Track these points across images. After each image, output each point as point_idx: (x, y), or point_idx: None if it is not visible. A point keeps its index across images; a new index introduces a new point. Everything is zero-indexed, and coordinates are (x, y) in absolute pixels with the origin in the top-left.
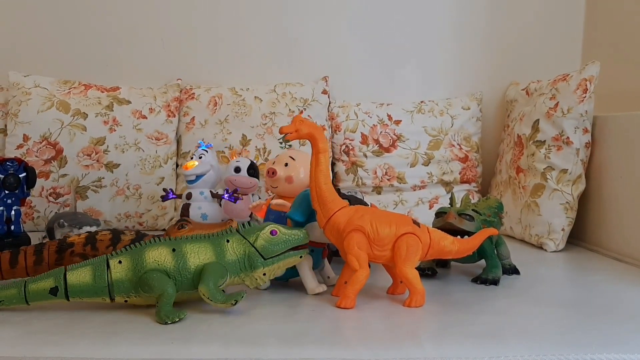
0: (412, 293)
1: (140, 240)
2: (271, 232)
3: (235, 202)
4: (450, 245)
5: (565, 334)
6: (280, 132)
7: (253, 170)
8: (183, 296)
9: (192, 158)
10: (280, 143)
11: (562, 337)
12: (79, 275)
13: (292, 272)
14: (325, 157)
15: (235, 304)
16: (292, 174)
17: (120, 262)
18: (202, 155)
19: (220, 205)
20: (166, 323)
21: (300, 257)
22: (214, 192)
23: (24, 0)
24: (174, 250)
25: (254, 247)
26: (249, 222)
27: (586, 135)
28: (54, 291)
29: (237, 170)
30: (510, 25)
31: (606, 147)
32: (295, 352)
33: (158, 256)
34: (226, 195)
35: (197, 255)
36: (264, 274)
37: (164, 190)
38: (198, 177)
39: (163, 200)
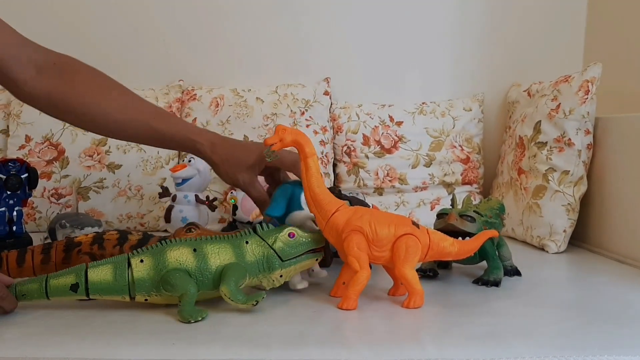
0: (411, 294)
1: (148, 241)
2: (289, 235)
3: (213, 211)
4: (450, 247)
5: (567, 336)
6: (265, 144)
7: None
8: (203, 296)
9: (183, 161)
10: (268, 155)
11: (563, 338)
12: (100, 272)
13: None
14: (314, 161)
15: (257, 304)
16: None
17: (142, 260)
18: (191, 159)
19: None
20: (189, 322)
21: (317, 260)
22: (200, 197)
23: (26, 1)
24: (195, 250)
25: (273, 249)
26: (267, 224)
27: (588, 137)
28: (74, 287)
29: None
30: (511, 26)
31: (608, 149)
32: (297, 353)
33: (180, 256)
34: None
35: (218, 256)
36: (281, 276)
37: (161, 187)
38: (184, 180)
39: (160, 197)
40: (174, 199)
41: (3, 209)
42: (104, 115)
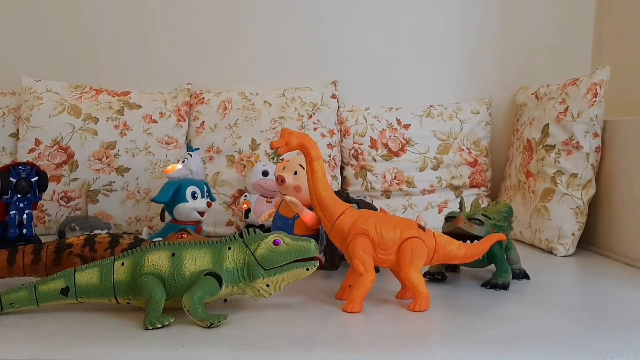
0: (417, 297)
1: (138, 245)
2: (274, 242)
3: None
4: (457, 250)
5: (575, 339)
6: (271, 148)
7: None
8: (176, 303)
9: (178, 161)
10: (273, 158)
11: (572, 342)
12: (87, 276)
13: None
14: (320, 164)
15: (210, 326)
16: (301, 184)
17: (123, 264)
18: (185, 159)
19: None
20: (147, 329)
21: (307, 269)
22: None
23: (36, 6)
24: (173, 255)
25: (254, 257)
26: (254, 230)
27: (596, 140)
28: (65, 291)
29: (265, 173)
30: (519, 29)
31: (616, 152)
32: (304, 355)
33: (157, 260)
34: None
35: (194, 262)
36: (267, 285)
37: None
38: None
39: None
40: None
41: (13, 212)
42: None
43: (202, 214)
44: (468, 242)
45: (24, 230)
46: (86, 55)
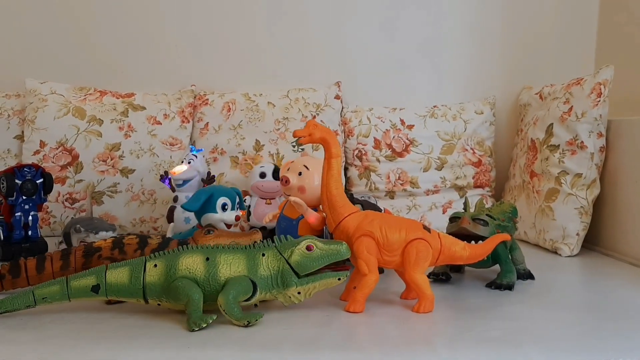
0: (421, 299)
1: (167, 245)
2: (307, 247)
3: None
4: (462, 251)
5: (580, 339)
6: (294, 136)
7: (278, 175)
8: (209, 307)
9: (182, 162)
10: (294, 146)
11: (577, 342)
12: (117, 274)
13: None
14: (338, 162)
15: (248, 325)
16: (305, 184)
17: (155, 265)
18: (191, 160)
19: None
20: (193, 330)
21: (339, 279)
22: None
23: (40, 8)
24: (207, 259)
25: (289, 264)
26: (285, 236)
27: (600, 140)
28: (95, 289)
29: (263, 175)
30: (523, 29)
31: (621, 151)
32: (310, 356)
33: (191, 264)
34: (166, 181)
35: (229, 267)
36: (299, 293)
37: (165, 172)
38: (185, 181)
39: (160, 180)
40: (175, 199)
41: (19, 213)
42: None
43: (228, 225)
44: (472, 242)
45: (29, 232)
46: (90, 57)
